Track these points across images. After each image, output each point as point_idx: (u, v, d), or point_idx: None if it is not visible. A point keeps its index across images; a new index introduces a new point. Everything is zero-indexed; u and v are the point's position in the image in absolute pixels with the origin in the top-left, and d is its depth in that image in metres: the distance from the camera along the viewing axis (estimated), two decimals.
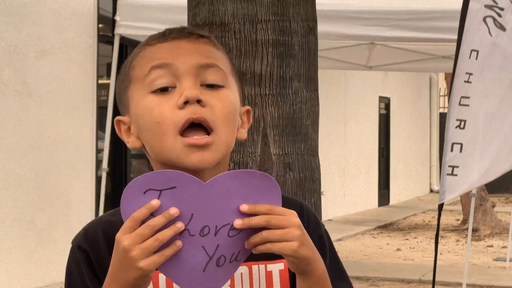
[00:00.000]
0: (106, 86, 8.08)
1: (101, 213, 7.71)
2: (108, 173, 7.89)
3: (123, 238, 1.16)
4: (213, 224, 1.16)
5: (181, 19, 5.27)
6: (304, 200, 3.01)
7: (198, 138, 1.28)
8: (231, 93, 1.34)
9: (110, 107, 7.73)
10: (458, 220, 13.50)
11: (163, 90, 1.31)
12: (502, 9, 5.15)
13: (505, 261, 9.02)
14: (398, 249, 10.38)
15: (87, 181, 7.89)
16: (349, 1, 7.13)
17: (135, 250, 1.15)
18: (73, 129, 7.64)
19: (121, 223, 1.20)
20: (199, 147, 1.28)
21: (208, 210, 1.16)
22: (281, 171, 2.97)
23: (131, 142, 1.38)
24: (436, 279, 5.47)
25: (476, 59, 5.13)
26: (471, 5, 5.12)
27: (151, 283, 1.31)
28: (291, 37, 3.00)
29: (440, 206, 5.32)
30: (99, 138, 8.07)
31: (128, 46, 8.42)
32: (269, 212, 1.18)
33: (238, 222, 1.16)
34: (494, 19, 5.15)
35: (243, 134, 1.39)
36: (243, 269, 1.34)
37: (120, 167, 8.51)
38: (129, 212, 1.16)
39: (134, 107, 1.34)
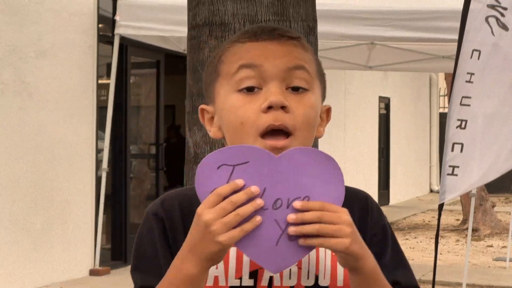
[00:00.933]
0: (106, 86, 8.08)
1: (101, 213, 7.72)
2: (108, 173, 7.90)
3: (205, 212, 1.20)
4: (285, 196, 1.20)
5: (181, 19, 5.27)
6: None
7: (276, 140, 1.33)
8: (314, 97, 1.40)
9: (110, 107, 7.74)
10: (458, 220, 13.50)
11: (249, 89, 1.35)
12: (505, 8, 5.14)
13: (505, 261, 9.02)
14: None
15: (87, 181, 7.89)
16: (349, 1, 7.14)
17: (216, 224, 1.19)
18: (73, 129, 7.64)
19: (196, 197, 1.25)
20: (277, 149, 1.32)
21: (280, 183, 1.20)
22: None
23: (213, 131, 1.44)
24: (436, 279, 5.47)
25: (478, 59, 5.12)
26: (473, 5, 5.11)
27: None
28: None
29: (440, 206, 5.32)
30: (99, 138, 8.07)
31: (128, 46, 8.41)
32: (322, 209, 1.22)
33: (298, 205, 1.21)
34: (497, 19, 5.14)
35: (321, 132, 1.46)
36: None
37: (120, 167, 8.51)
38: (204, 187, 1.21)
39: (220, 102, 1.39)
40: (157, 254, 1.37)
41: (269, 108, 1.33)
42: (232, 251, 1.36)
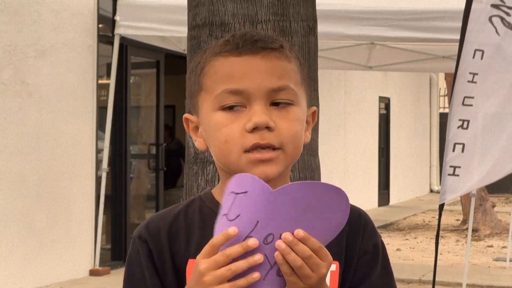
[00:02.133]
0: (106, 86, 8.08)
1: (101, 213, 7.72)
2: (108, 173, 7.89)
3: (201, 261, 1.21)
4: (278, 232, 1.18)
5: (181, 19, 5.27)
6: None
7: (262, 153, 1.32)
8: (298, 109, 1.38)
9: (110, 107, 7.74)
10: (458, 220, 13.49)
11: (233, 107, 1.35)
12: (510, 7, 5.13)
13: (505, 261, 9.02)
14: (398, 249, 10.38)
15: (87, 181, 7.89)
16: (349, 1, 7.14)
17: (208, 275, 1.20)
18: (73, 129, 7.64)
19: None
20: (263, 161, 1.32)
21: (275, 218, 1.17)
22: None
23: (198, 142, 1.44)
24: (436, 279, 5.46)
25: (482, 59, 5.10)
26: (474, 5, 5.10)
27: None
28: (291, 37, 3.00)
29: (441, 206, 5.31)
30: (99, 138, 8.07)
31: (128, 46, 8.41)
32: (315, 251, 1.20)
33: (301, 233, 1.18)
34: (502, 18, 5.12)
35: (307, 137, 1.44)
36: None
37: (120, 167, 8.51)
38: (223, 207, 1.20)
39: (204, 116, 1.39)
40: (144, 276, 1.38)
41: (254, 128, 1.32)
42: None
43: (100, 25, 8.09)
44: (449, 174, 5.16)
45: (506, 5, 5.11)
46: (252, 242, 1.17)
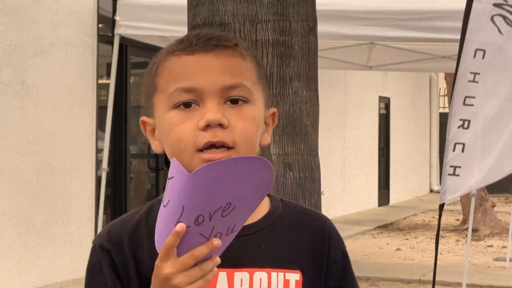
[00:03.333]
0: (106, 86, 8.07)
1: (101, 213, 7.71)
2: (108, 173, 7.89)
3: (164, 266, 1.20)
4: (206, 211, 1.18)
5: (181, 19, 5.26)
6: (304, 200, 3.01)
7: (214, 153, 1.31)
8: (255, 107, 1.36)
9: (110, 107, 7.73)
10: (458, 220, 13.49)
11: (186, 105, 1.33)
12: None
13: (505, 261, 9.02)
14: (398, 249, 10.38)
15: (87, 181, 7.89)
16: (349, 1, 7.13)
17: (178, 278, 1.20)
18: (73, 129, 7.64)
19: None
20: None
21: (198, 200, 1.18)
22: (281, 171, 2.97)
23: (155, 145, 1.42)
24: (436, 279, 5.46)
25: (483, 58, 5.09)
26: (475, 5, 5.09)
27: None
28: (291, 37, 3.00)
29: (441, 206, 5.31)
30: (99, 138, 8.06)
31: (128, 46, 8.41)
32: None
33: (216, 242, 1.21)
34: (505, 17, 5.11)
35: (267, 139, 1.42)
36: (262, 274, 1.36)
37: (120, 167, 8.51)
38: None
39: (158, 117, 1.38)
40: (106, 284, 1.36)
41: (207, 126, 1.31)
42: None
43: (100, 25, 8.08)
44: (449, 174, 5.16)
45: (509, 4, 5.10)
46: (217, 242, 1.19)
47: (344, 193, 14.34)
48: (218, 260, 1.21)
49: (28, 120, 7.07)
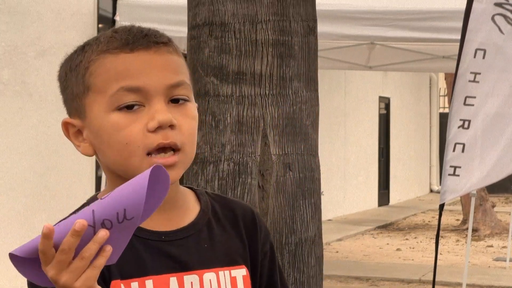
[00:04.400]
0: None
1: None
2: None
3: (46, 270, 1.11)
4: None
5: (181, 19, 5.26)
6: (304, 200, 3.01)
7: (165, 158, 1.27)
8: (193, 105, 1.33)
9: None
10: (458, 220, 13.50)
11: (130, 107, 1.28)
12: None
13: (505, 261, 9.02)
14: (398, 249, 10.39)
15: (87, 181, 7.89)
16: (349, 1, 7.13)
17: (63, 276, 1.10)
18: None
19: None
20: (167, 166, 1.26)
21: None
22: (281, 171, 2.97)
23: (83, 147, 1.36)
24: (436, 279, 5.46)
25: (483, 58, 5.09)
26: (475, 5, 5.09)
27: None
28: (291, 37, 3.00)
29: (441, 206, 5.31)
30: None
31: None
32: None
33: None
34: (506, 17, 5.11)
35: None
36: (211, 275, 1.35)
37: None
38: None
39: (95, 119, 1.31)
40: None
41: (158, 127, 1.26)
42: None
43: (100, 25, 8.09)
44: (449, 174, 5.16)
45: (510, 3, 5.09)
46: (78, 225, 1.09)
47: (344, 193, 14.34)
48: (109, 248, 1.11)
49: (28, 120, 7.07)
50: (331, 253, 9.73)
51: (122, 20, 7.60)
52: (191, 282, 1.32)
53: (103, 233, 1.10)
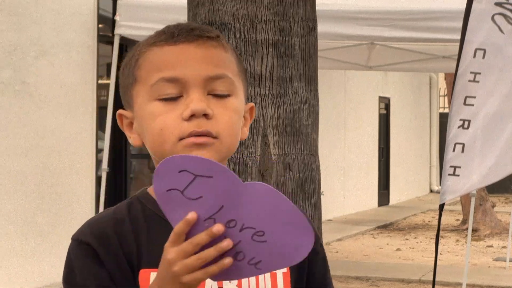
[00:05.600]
0: (106, 86, 8.08)
1: None
2: (108, 173, 7.89)
3: (169, 251, 1.16)
4: (241, 221, 1.15)
5: (181, 19, 5.26)
6: (304, 200, 3.01)
7: (196, 138, 1.29)
8: (237, 100, 1.35)
9: (110, 107, 7.73)
10: (458, 220, 13.50)
11: (170, 98, 1.31)
12: None
13: (505, 261, 9.01)
14: (398, 249, 10.38)
15: (87, 181, 7.89)
16: (349, 1, 7.13)
17: (177, 265, 1.15)
18: (73, 129, 7.64)
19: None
20: (198, 145, 1.29)
21: (240, 208, 1.15)
22: (281, 171, 2.97)
23: (133, 138, 1.39)
24: (436, 279, 5.46)
25: (483, 58, 5.09)
26: (475, 5, 5.09)
27: None
28: (291, 37, 3.00)
29: (441, 206, 5.31)
30: (99, 138, 8.07)
31: (128, 46, 8.41)
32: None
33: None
34: (506, 16, 5.11)
35: (245, 133, 1.40)
36: None
37: (120, 167, 8.51)
38: (160, 188, 1.15)
39: (138, 108, 1.35)
40: (86, 280, 1.34)
41: (192, 116, 1.28)
42: None
43: (100, 25, 8.09)
44: (449, 174, 5.15)
45: (510, 2, 5.09)
46: (217, 228, 1.13)
47: (344, 193, 14.34)
48: (228, 261, 1.15)
49: (28, 120, 7.07)
50: (331, 253, 9.73)
51: (122, 20, 7.60)
52: None
53: (226, 244, 1.14)
